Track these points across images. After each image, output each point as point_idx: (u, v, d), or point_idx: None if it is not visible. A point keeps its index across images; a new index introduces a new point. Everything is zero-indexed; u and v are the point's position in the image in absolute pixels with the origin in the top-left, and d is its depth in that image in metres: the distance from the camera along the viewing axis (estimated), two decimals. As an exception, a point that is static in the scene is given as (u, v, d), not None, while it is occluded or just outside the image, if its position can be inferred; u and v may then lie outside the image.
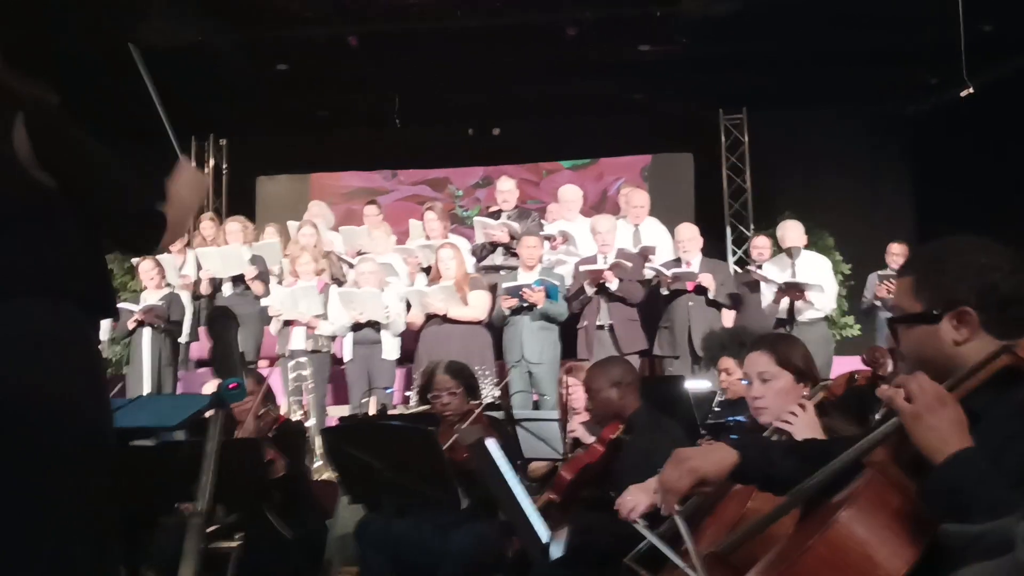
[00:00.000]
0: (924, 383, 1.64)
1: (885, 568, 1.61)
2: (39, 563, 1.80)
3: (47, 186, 1.91)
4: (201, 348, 7.88)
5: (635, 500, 2.66)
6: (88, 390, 1.93)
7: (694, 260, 6.87)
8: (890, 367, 2.67)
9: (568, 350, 6.80)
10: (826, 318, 7.14)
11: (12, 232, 1.87)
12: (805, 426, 2.44)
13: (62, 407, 1.86)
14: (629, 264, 6.67)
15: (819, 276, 6.92)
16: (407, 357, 6.96)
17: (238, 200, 11.18)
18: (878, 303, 7.46)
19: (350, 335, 6.81)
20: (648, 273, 6.97)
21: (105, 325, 6.81)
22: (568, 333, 6.84)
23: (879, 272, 7.57)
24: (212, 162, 11.33)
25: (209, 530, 1.66)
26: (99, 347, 2.08)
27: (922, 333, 1.76)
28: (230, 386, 1.77)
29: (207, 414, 2.55)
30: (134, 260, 8.13)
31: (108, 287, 2.13)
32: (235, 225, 7.94)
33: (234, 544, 1.61)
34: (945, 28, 7.80)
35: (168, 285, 7.50)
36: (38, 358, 1.85)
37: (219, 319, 1.97)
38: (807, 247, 7.27)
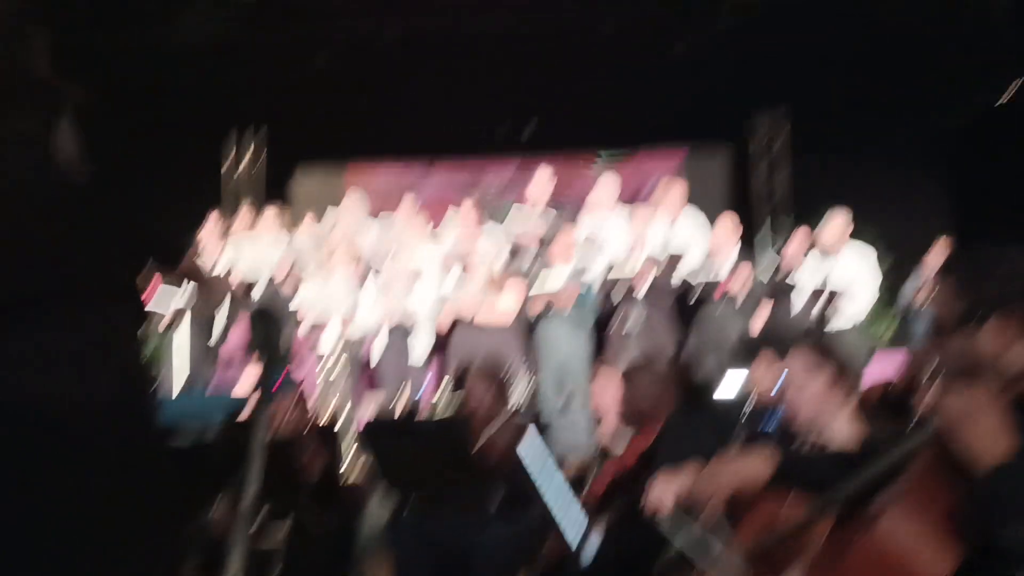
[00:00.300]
0: (964, 391, 1.65)
1: (930, 570, 1.60)
2: (88, 565, 1.84)
3: (86, 184, 1.94)
4: (235, 343, 7.96)
5: (662, 495, 2.64)
6: (133, 389, 1.97)
7: (728, 259, 6.82)
8: (928, 372, 2.65)
9: (597, 352, 6.78)
10: (857, 326, 6.98)
11: (53, 232, 1.89)
12: (840, 431, 2.43)
13: (111, 408, 1.89)
14: (657, 259, 6.63)
15: (858, 276, 6.79)
16: (437, 356, 6.98)
17: (276, 190, 11.27)
18: (917, 306, 7.35)
19: (381, 334, 6.84)
20: (676, 281, 6.91)
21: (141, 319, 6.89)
22: (598, 336, 6.83)
23: (918, 274, 7.46)
24: (250, 152, 11.44)
25: (254, 529, 1.67)
26: (141, 343, 2.12)
27: (964, 338, 1.76)
28: (273, 384, 1.78)
29: (249, 412, 2.59)
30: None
31: (148, 285, 2.15)
32: (271, 215, 8.00)
33: (279, 544, 1.64)
34: (990, 27, 7.66)
35: (204, 281, 7.56)
36: (85, 361, 1.87)
37: (262, 317, 1.98)
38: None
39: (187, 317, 7.15)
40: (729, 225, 6.95)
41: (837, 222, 7.03)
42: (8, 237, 1.87)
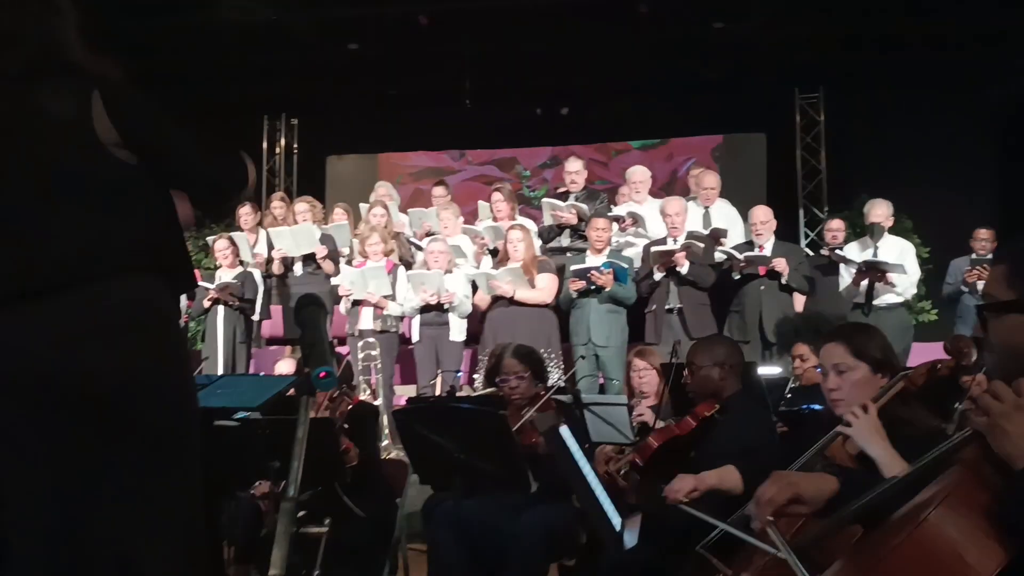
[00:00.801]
0: (1000, 390, 1.61)
1: (975, 569, 1.56)
2: (136, 540, 1.85)
3: (128, 162, 1.93)
4: (273, 326, 8.02)
5: (681, 484, 2.69)
6: (176, 370, 1.98)
7: (767, 243, 6.75)
8: (974, 357, 2.59)
9: (635, 334, 6.74)
10: (905, 303, 6.94)
11: (99, 209, 1.90)
12: (866, 428, 2.38)
13: (154, 387, 1.90)
14: (701, 245, 6.57)
15: (902, 258, 6.72)
16: (474, 339, 6.99)
17: (307, 179, 11.33)
18: (965, 289, 7.23)
19: (418, 316, 6.86)
20: (719, 256, 6.86)
21: (182, 302, 6.98)
22: (636, 317, 6.79)
23: (970, 256, 7.33)
24: (283, 141, 11.50)
25: (300, 514, 1.67)
26: (181, 323, 2.14)
27: (1014, 323, 1.70)
28: (320, 375, 1.77)
29: (290, 393, 2.59)
30: (209, 239, 8.30)
31: (189, 263, 2.17)
32: (304, 205, 8.05)
33: (324, 529, 1.63)
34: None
35: (241, 263, 7.65)
36: (132, 339, 1.88)
37: (309, 306, 1.97)
38: (889, 230, 7.09)
39: (227, 295, 7.22)
40: (767, 213, 6.87)
41: (878, 211, 6.95)
42: (54, 214, 1.88)
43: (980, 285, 6.32)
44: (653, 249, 6.69)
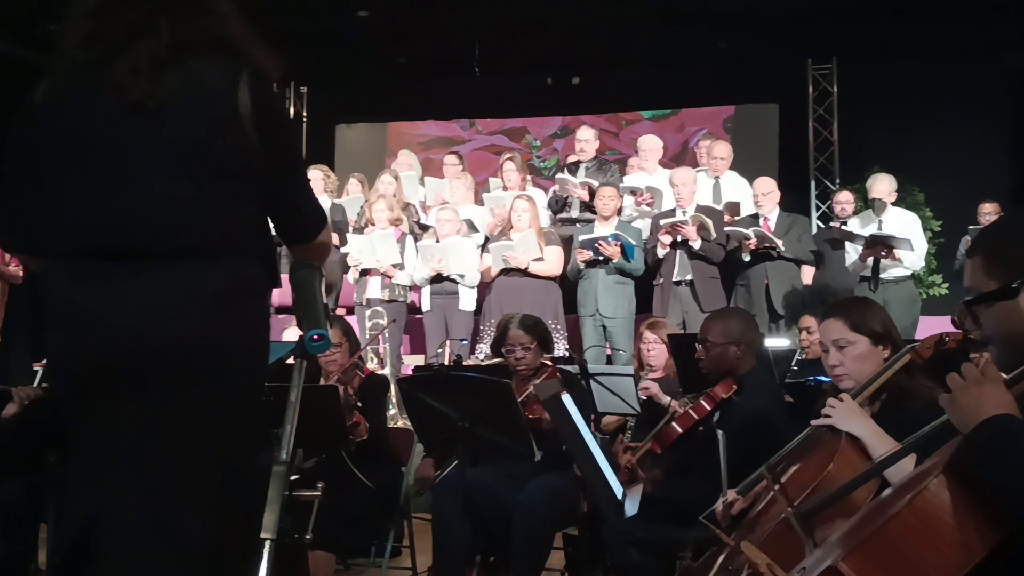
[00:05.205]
0: (966, 369, 1.66)
1: (975, 537, 1.57)
2: (224, 509, 1.85)
3: (257, 150, 1.93)
4: (282, 295, 8.01)
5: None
6: (264, 344, 2.00)
7: (772, 215, 6.71)
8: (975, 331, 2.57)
9: (643, 305, 6.73)
10: (913, 276, 6.90)
11: (220, 184, 1.90)
12: (845, 414, 2.38)
13: (247, 356, 1.93)
14: (710, 222, 6.50)
15: (908, 233, 6.68)
16: (480, 308, 7.00)
17: (317, 148, 11.29)
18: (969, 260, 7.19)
19: (426, 287, 6.86)
20: (731, 230, 6.78)
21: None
22: (644, 288, 6.77)
23: (972, 227, 7.29)
24: (292, 110, 11.46)
25: (292, 478, 1.66)
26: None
27: (1002, 310, 1.70)
28: (314, 338, 1.75)
29: (290, 361, 2.59)
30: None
31: (276, 260, 2.16)
32: (317, 173, 8.01)
33: (317, 493, 1.63)
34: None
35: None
36: (231, 309, 1.89)
37: (301, 268, 1.95)
38: (896, 203, 7.03)
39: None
40: (771, 184, 6.81)
41: (880, 186, 6.89)
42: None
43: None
44: (661, 221, 6.65)
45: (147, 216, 1.85)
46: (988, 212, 7.30)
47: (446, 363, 5.67)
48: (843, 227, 6.91)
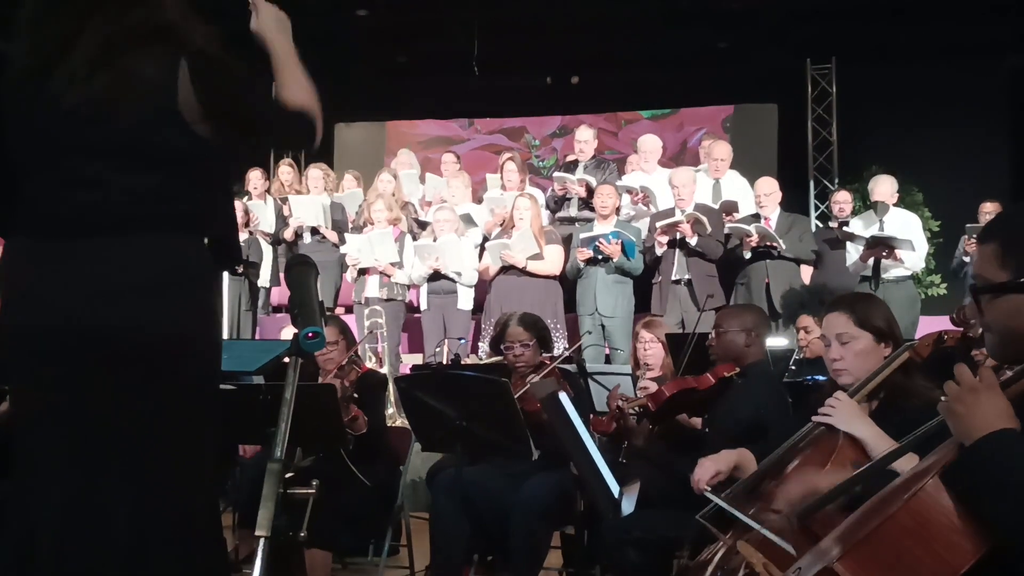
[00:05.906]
0: (961, 374, 1.62)
1: (971, 538, 1.57)
2: (152, 495, 1.87)
3: (201, 134, 1.96)
4: (282, 293, 8.02)
5: (702, 472, 2.67)
6: (206, 331, 2.00)
7: (773, 215, 6.71)
8: (980, 328, 2.56)
9: (642, 304, 6.72)
10: (913, 277, 6.90)
11: (160, 171, 1.94)
12: (846, 413, 2.37)
13: (182, 344, 1.92)
14: (705, 219, 6.50)
15: (909, 233, 6.67)
16: (480, 307, 6.99)
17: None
18: (967, 259, 7.20)
19: (427, 284, 6.86)
20: (730, 228, 6.78)
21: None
22: (643, 287, 6.76)
23: (969, 224, 7.29)
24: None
25: (288, 476, 1.66)
26: (221, 292, 2.16)
27: (1009, 304, 1.66)
28: (308, 335, 1.75)
29: (286, 360, 2.59)
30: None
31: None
32: (317, 172, 8.01)
33: (312, 491, 1.63)
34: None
35: (249, 232, 7.60)
36: (165, 294, 1.91)
37: (297, 266, 1.96)
38: (895, 203, 7.03)
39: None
40: (772, 185, 6.81)
41: (882, 188, 6.88)
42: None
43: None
44: (658, 223, 6.64)
45: (85, 201, 1.91)
46: (989, 212, 7.28)
47: (444, 362, 5.66)
48: (843, 228, 6.90)
